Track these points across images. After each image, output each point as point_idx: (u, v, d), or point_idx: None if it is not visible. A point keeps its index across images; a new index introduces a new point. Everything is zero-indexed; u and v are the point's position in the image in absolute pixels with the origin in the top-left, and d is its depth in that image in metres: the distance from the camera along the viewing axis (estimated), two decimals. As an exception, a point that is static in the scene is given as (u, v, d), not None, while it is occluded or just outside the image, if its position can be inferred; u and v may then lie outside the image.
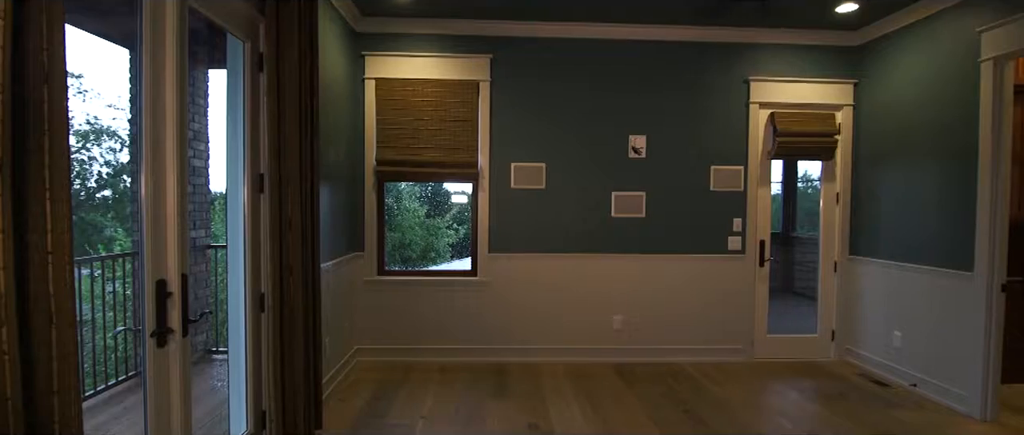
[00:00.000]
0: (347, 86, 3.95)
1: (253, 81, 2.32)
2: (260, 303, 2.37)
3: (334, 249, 3.63)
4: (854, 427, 3.08)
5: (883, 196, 4.02)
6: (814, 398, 3.57)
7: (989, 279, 3.16)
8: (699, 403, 3.43)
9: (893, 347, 3.88)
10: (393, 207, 9.64)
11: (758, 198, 4.34)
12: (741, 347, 4.36)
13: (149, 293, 1.65)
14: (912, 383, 3.69)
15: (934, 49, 3.58)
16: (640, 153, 4.28)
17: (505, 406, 3.35)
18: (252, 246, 2.32)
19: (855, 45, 4.27)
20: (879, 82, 4.07)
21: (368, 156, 4.14)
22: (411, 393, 3.54)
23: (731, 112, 4.29)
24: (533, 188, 4.24)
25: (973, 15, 3.28)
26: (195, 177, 4.04)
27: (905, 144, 3.82)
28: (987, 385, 3.17)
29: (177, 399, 1.76)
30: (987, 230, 3.16)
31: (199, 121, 4.11)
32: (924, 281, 3.62)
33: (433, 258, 9.91)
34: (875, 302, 4.07)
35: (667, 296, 4.32)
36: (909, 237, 3.76)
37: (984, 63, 3.19)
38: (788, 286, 7.34)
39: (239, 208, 2.32)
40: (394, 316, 4.21)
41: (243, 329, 2.33)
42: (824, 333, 4.44)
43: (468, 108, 4.17)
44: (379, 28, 4.09)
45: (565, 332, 4.29)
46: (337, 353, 3.72)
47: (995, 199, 3.15)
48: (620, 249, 4.29)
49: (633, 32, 4.18)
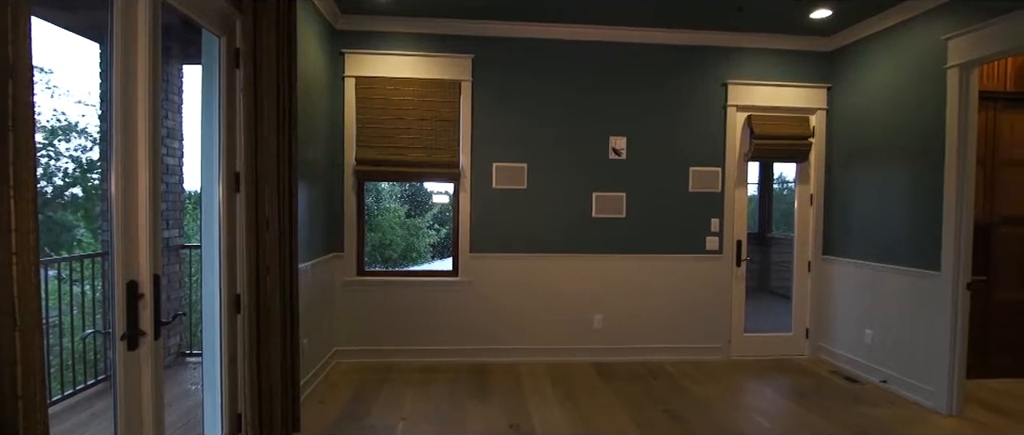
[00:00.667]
0: (326, 84, 3.90)
1: (229, 78, 2.28)
2: (236, 304, 2.32)
3: (312, 249, 3.58)
4: (826, 423, 3.16)
5: (855, 198, 4.13)
6: (789, 395, 3.65)
7: (955, 278, 3.27)
8: (678, 401, 3.47)
9: (864, 344, 3.99)
10: (373, 207, 9.54)
11: (735, 199, 4.41)
12: (719, 346, 4.43)
13: (119, 295, 1.60)
14: (882, 379, 3.80)
15: (903, 55, 3.69)
16: (620, 154, 4.32)
17: (486, 406, 3.35)
18: (228, 246, 2.28)
19: (828, 50, 4.38)
20: (851, 87, 4.18)
21: (348, 155, 4.09)
22: (391, 394, 3.51)
23: (709, 114, 4.36)
24: (515, 188, 4.24)
25: (940, 23, 3.39)
26: (168, 175, 3.94)
27: (876, 147, 3.94)
28: (953, 380, 3.29)
29: (149, 403, 1.72)
30: (953, 231, 3.28)
31: (173, 118, 4.01)
32: (894, 280, 3.73)
33: (414, 258, 9.85)
34: (847, 301, 4.19)
35: (646, 295, 4.37)
36: (880, 238, 3.87)
37: (950, 69, 3.30)
38: (764, 285, 7.49)
39: (214, 207, 2.27)
40: (374, 317, 4.17)
41: (218, 331, 2.28)
42: (798, 331, 4.55)
43: (450, 108, 4.16)
44: (359, 26, 4.04)
45: (546, 332, 4.31)
46: (315, 354, 3.66)
47: (961, 201, 3.26)
48: (601, 249, 4.33)
49: (614, 34, 4.21)
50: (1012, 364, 3.93)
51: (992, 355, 3.89)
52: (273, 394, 2.41)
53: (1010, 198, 3.88)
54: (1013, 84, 3.84)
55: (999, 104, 3.84)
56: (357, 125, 4.09)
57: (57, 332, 3.31)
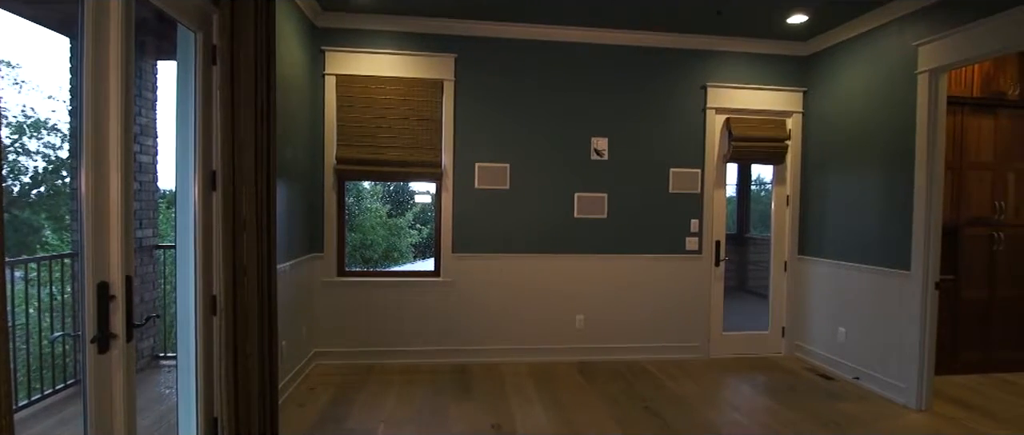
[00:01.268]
0: (306, 82, 3.85)
1: (205, 74, 2.23)
2: (212, 305, 2.27)
3: (291, 249, 3.53)
4: (801, 419, 3.23)
5: (829, 199, 4.23)
6: (765, 392, 3.72)
7: (924, 278, 3.37)
8: (658, 399, 3.51)
9: (838, 342, 4.09)
10: (354, 206, 9.44)
11: (714, 200, 4.48)
12: (698, 344, 4.49)
13: (90, 296, 1.56)
14: (855, 376, 3.90)
15: (876, 61, 3.79)
16: (602, 155, 4.35)
17: (468, 407, 3.34)
18: (204, 246, 2.23)
19: (804, 55, 4.47)
20: (826, 91, 4.28)
21: (328, 154, 4.04)
22: (372, 396, 3.48)
23: (689, 117, 4.42)
24: (497, 188, 4.24)
25: (911, 30, 3.49)
26: (142, 174, 3.84)
27: (849, 150, 4.04)
28: (922, 377, 3.39)
29: (120, 408, 1.67)
30: (923, 232, 3.38)
31: (147, 115, 3.92)
32: (866, 280, 3.83)
33: (396, 258, 9.77)
34: (822, 300, 4.28)
35: (627, 295, 4.41)
36: (853, 238, 3.97)
37: (921, 75, 3.40)
38: (742, 285, 7.61)
39: (189, 206, 2.22)
40: (355, 318, 4.13)
41: (193, 333, 2.23)
42: (775, 330, 4.64)
43: (432, 107, 4.14)
44: (340, 23, 4.00)
45: (528, 332, 4.32)
46: (294, 356, 3.61)
47: (930, 203, 3.36)
48: (582, 249, 4.35)
49: (597, 36, 4.24)
50: (978, 360, 4.07)
51: (959, 352, 4.02)
52: (250, 397, 2.36)
53: (976, 200, 4.02)
54: (980, 90, 3.98)
55: (966, 109, 3.97)
56: (338, 124, 4.04)
57: (24, 335, 3.20)
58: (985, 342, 4.08)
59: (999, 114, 4.04)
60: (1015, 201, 4.08)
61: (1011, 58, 3.99)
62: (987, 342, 4.08)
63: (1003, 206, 4.04)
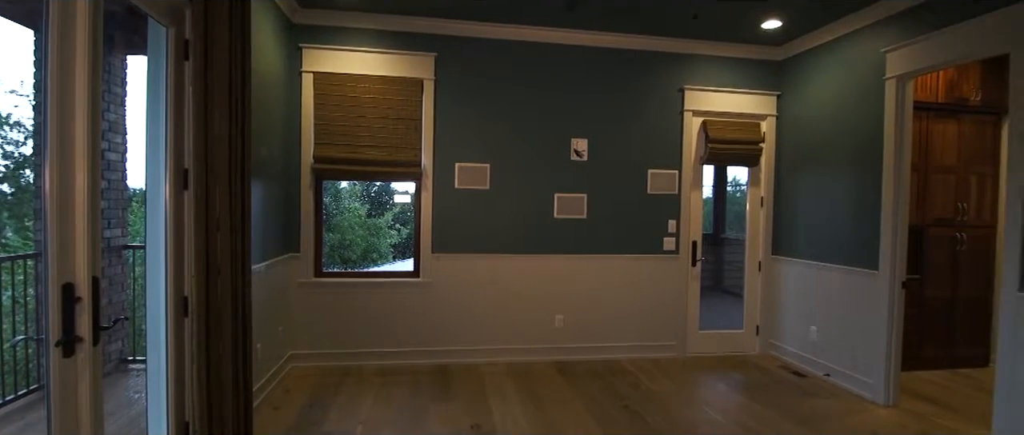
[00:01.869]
0: (282, 79, 3.79)
1: (177, 70, 2.17)
2: (183, 307, 2.22)
3: (267, 249, 3.47)
4: (774, 416, 3.30)
5: (802, 201, 4.33)
6: (740, 389, 3.79)
7: (891, 277, 3.48)
8: (636, 398, 3.55)
9: (809, 340, 4.19)
10: (332, 206, 9.31)
11: (691, 201, 4.55)
12: (675, 343, 4.55)
13: (54, 298, 1.50)
14: (826, 373, 4.00)
15: (846, 66, 3.90)
16: (582, 156, 4.37)
17: (447, 407, 3.32)
18: (175, 246, 2.17)
19: (779, 60, 4.57)
20: (799, 95, 4.39)
21: (305, 153, 3.98)
22: (349, 398, 3.44)
23: (667, 119, 4.48)
24: (477, 188, 4.23)
25: (880, 37, 3.60)
26: (110, 172, 3.73)
27: (821, 153, 4.14)
28: (889, 373, 3.49)
29: (86, 414, 1.62)
30: (890, 233, 3.49)
31: (115, 111, 3.80)
32: (837, 279, 3.93)
33: (375, 259, 9.66)
34: (794, 299, 4.38)
35: (606, 295, 4.45)
36: (824, 239, 4.07)
37: (888, 81, 3.51)
38: (718, 284, 7.75)
39: (160, 205, 2.16)
40: (332, 319, 4.07)
41: (164, 335, 2.18)
42: (750, 328, 4.73)
43: (412, 106, 4.11)
44: (318, 20, 3.94)
45: (508, 332, 4.32)
46: (269, 359, 3.55)
47: (897, 205, 3.47)
48: (562, 249, 4.37)
49: (577, 37, 4.27)
50: (942, 356, 4.22)
51: (924, 349, 4.16)
52: (223, 401, 2.31)
53: (940, 202, 4.16)
54: (944, 96, 4.13)
55: (931, 114, 4.11)
56: (315, 122, 3.98)
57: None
58: (948, 339, 4.23)
59: (962, 119, 4.19)
60: (976, 203, 4.24)
61: (974, 65, 4.15)
62: (950, 339, 4.23)
63: (965, 208, 4.20)
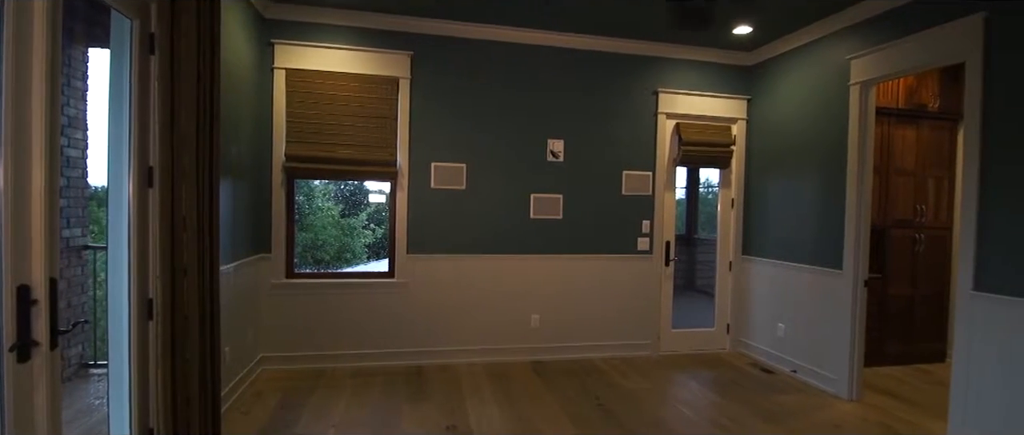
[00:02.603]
0: (253, 75, 3.70)
1: (142, 64, 2.10)
2: (148, 310, 2.14)
3: (236, 250, 3.38)
4: (744, 413, 3.38)
5: (771, 202, 4.45)
6: (711, 387, 3.87)
7: (855, 276, 3.60)
8: (611, 397, 3.59)
9: (778, 338, 4.31)
10: (304, 205, 9.14)
11: (665, 202, 4.62)
12: (648, 342, 4.62)
13: (8, 300, 1.43)
14: (793, 369, 4.12)
15: (813, 72, 4.02)
16: (558, 157, 4.40)
17: (422, 409, 3.30)
18: (139, 246, 2.10)
19: (749, 65, 4.69)
20: (768, 99, 4.50)
21: (276, 151, 3.89)
22: (322, 401, 3.38)
23: (641, 121, 4.54)
24: (454, 188, 4.21)
25: (845, 44, 3.72)
26: (70, 169, 3.58)
27: (788, 156, 4.26)
28: (853, 369, 3.62)
29: (44, 421, 1.55)
30: (853, 233, 3.61)
31: (76, 106, 3.65)
32: (803, 278, 4.05)
33: (348, 259, 9.52)
34: (763, 298, 4.50)
35: (582, 295, 4.48)
36: (791, 239, 4.19)
37: (853, 87, 3.63)
38: (690, 284, 7.88)
39: (123, 204, 2.09)
40: (304, 321, 4.00)
41: (127, 339, 2.10)
42: (720, 327, 4.83)
43: (387, 105, 4.06)
44: (290, 16, 3.87)
45: (484, 332, 4.31)
46: (239, 362, 3.46)
47: (860, 206, 3.60)
48: (538, 250, 4.39)
49: (553, 39, 4.29)
50: (902, 352, 4.39)
51: (886, 345, 4.32)
52: (190, 406, 2.25)
53: (900, 204, 4.33)
54: (904, 101, 4.30)
55: (892, 119, 4.28)
56: (287, 120, 3.90)
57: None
58: (907, 335, 4.40)
59: (921, 124, 4.37)
60: (934, 205, 4.43)
61: (932, 73, 4.33)
62: (909, 335, 4.41)
63: (924, 209, 4.38)
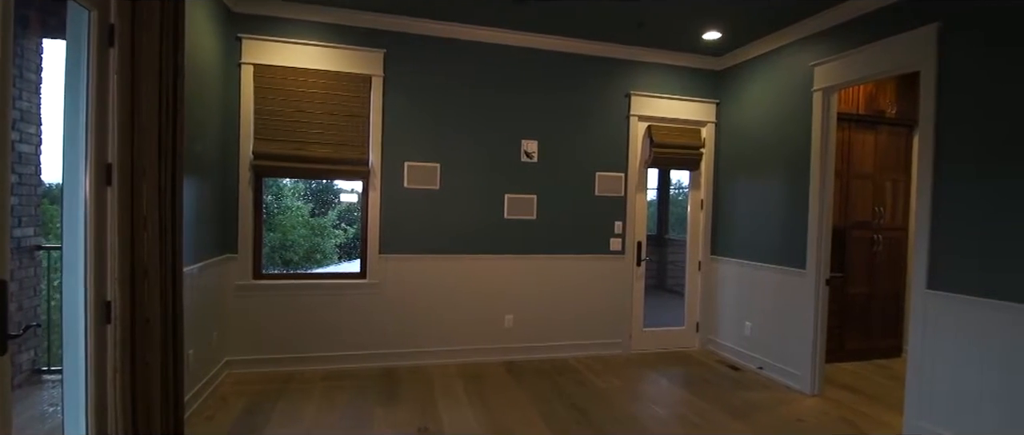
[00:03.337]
0: (220, 70, 3.60)
1: (100, 57, 2.02)
2: (106, 313, 2.06)
3: (201, 250, 3.28)
4: (712, 409, 3.46)
5: (738, 204, 4.57)
6: (681, 384, 3.94)
7: (817, 275, 3.72)
8: (583, 396, 3.62)
9: (745, 336, 4.42)
10: (273, 205, 8.94)
11: (636, 203, 4.69)
12: (620, 340, 4.68)
13: (-50, 304, 1.35)
14: (759, 366, 4.24)
15: (778, 78, 4.14)
16: (532, 157, 4.41)
17: (394, 411, 3.26)
18: (96, 247, 2.02)
19: (718, 69, 4.80)
20: (736, 103, 4.62)
21: (244, 148, 3.79)
22: (290, 405, 3.31)
23: (614, 123, 4.60)
24: (427, 188, 4.18)
25: (808, 51, 3.85)
26: (22, 165, 3.41)
27: (755, 159, 4.38)
28: (815, 365, 3.74)
29: (-11, 430, 1.47)
30: (816, 234, 3.73)
31: (29, 99, 3.48)
32: (769, 278, 4.17)
33: (318, 260, 9.35)
34: (730, 296, 4.61)
35: (555, 294, 4.51)
36: (758, 240, 4.31)
37: (816, 93, 3.76)
38: (661, 284, 8.03)
39: (79, 202, 2.00)
40: (273, 322, 3.91)
41: (83, 343, 2.01)
42: (690, 325, 4.93)
43: (359, 103, 4.01)
44: (259, 10, 3.77)
45: (458, 333, 4.29)
46: (203, 366, 3.36)
47: (822, 208, 3.72)
48: (512, 250, 4.39)
49: (528, 40, 4.30)
50: (861, 348, 4.56)
51: (846, 341, 4.49)
52: (151, 412, 2.17)
53: (860, 206, 4.50)
54: (864, 108, 4.47)
55: (852, 125, 4.44)
56: (255, 117, 3.80)
57: None
58: (866, 332, 4.58)
59: (879, 130, 4.55)
60: (891, 207, 4.62)
61: (890, 81, 4.51)
62: (868, 332, 4.59)
63: (882, 211, 4.56)
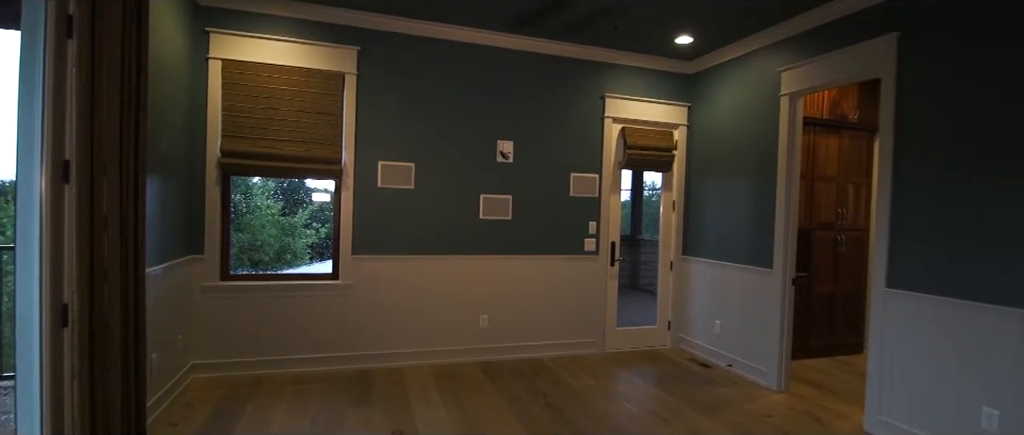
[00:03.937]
0: (186, 65, 3.48)
1: (58, 49, 1.93)
2: (62, 316, 1.97)
3: (165, 250, 3.17)
4: (683, 405, 3.52)
5: (709, 205, 4.67)
6: (653, 382, 4.00)
7: (783, 275, 3.84)
8: (558, 395, 3.64)
9: (715, 334, 4.52)
10: (242, 204, 8.70)
11: (610, 204, 4.75)
12: (594, 340, 4.72)
13: None
14: (728, 363, 4.34)
15: (747, 83, 4.25)
16: (508, 158, 4.42)
17: (367, 413, 3.22)
18: (53, 247, 1.93)
19: (690, 73, 4.89)
20: (707, 107, 4.72)
21: (211, 146, 3.68)
22: (259, 410, 3.23)
23: (589, 124, 4.64)
24: (402, 188, 4.14)
25: (776, 57, 3.96)
26: (-31, 161, 3.24)
27: (725, 161, 4.48)
28: (781, 362, 3.85)
29: (-67, 441, 1.39)
30: (782, 234, 3.84)
31: (-24, 91, 3.30)
32: (738, 277, 4.27)
33: (289, 260, 9.14)
34: (701, 295, 4.71)
35: (530, 295, 4.52)
36: (728, 240, 4.41)
37: (783, 97, 3.87)
38: (634, 283, 8.13)
39: (34, 201, 1.91)
40: (241, 325, 3.80)
41: (37, 348, 1.92)
42: (662, 324, 5.01)
43: (332, 100, 3.94)
44: (228, 3, 3.67)
45: (433, 334, 4.26)
46: (167, 370, 3.25)
47: (788, 209, 3.83)
48: (487, 250, 4.39)
49: (504, 40, 4.30)
50: (825, 346, 4.72)
51: (811, 339, 4.63)
52: (111, 419, 2.09)
53: (824, 207, 4.66)
54: (828, 113, 4.62)
55: (818, 129, 4.59)
56: (223, 113, 3.70)
57: None
58: (830, 329, 4.74)
59: (842, 134, 4.72)
60: (854, 208, 4.79)
61: (852, 88, 4.68)
62: (831, 329, 4.75)
63: (844, 213, 4.73)
